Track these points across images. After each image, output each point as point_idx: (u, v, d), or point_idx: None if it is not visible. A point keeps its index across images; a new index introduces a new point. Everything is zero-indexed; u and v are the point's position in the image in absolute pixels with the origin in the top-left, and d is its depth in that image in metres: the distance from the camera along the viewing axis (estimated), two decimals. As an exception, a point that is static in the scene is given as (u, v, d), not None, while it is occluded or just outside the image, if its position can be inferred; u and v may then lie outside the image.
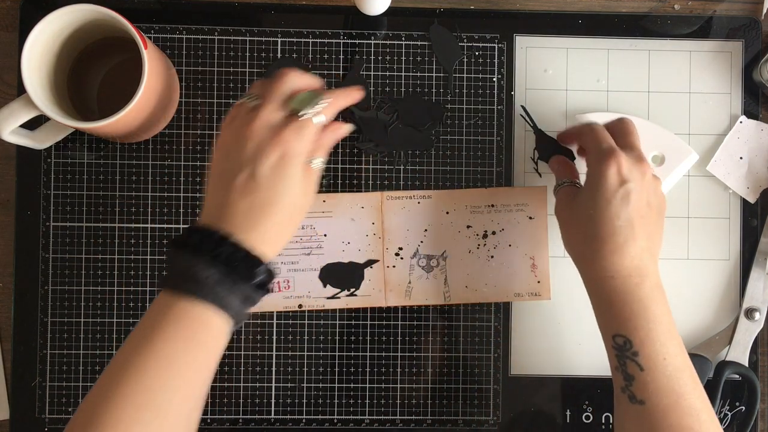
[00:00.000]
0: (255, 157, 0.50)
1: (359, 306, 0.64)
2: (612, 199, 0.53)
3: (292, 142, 0.50)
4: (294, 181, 0.51)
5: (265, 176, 0.50)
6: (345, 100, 0.56)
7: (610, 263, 0.53)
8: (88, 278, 0.64)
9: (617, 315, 0.53)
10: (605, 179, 0.53)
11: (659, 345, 0.52)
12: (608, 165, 0.53)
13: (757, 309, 0.65)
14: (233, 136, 0.51)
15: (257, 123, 0.50)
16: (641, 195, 0.54)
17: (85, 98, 0.63)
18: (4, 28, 0.65)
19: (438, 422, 0.64)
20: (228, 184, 0.50)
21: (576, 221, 0.56)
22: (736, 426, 0.65)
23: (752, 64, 0.66)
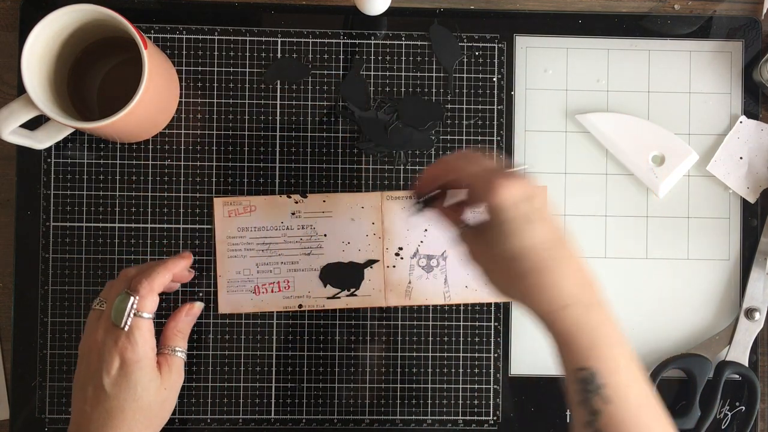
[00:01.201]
0: (99, 369, 0.53)
1: (359, 306, 0.64)
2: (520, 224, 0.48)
3: (126, 350, 0.53)
4: (138, 387, 0.53)
5: (108, 387, 0.53)
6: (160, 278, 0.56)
7: (557, 292, 0.48)
8: (88, 278, 0.64)
9: (578, 347, 0.48)
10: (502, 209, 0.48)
11: (624, 373, 0.47)
12: (494, 195, 0.48)
13: (757, 309, 0.65)
14: (84, 347, 0.55)
15: (97, 335, 0.54)
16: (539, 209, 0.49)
17: (85, 98, 0.63)
18: (4, 28, 0.65)
19: (438, 422, 0.64)
20: (82, 395, 0.54)
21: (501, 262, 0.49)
22: (736, 426, 0.65)
23: (752, 64, 0.66)
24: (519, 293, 0.50)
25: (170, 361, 0.57)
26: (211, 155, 0.65)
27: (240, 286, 0.64)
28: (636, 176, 0.66)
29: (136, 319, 0.54)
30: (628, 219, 0.66)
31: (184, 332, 0.59)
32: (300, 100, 0.65)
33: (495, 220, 0.49)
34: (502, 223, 0.48)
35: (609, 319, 0.48)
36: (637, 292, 0.66)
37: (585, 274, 0.49)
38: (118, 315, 0.54)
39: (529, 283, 0.48)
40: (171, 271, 0.57)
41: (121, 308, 0.54)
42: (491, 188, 0.48)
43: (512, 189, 0.48)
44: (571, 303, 0.48)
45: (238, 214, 0.64)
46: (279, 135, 0.65)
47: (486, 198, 0.48)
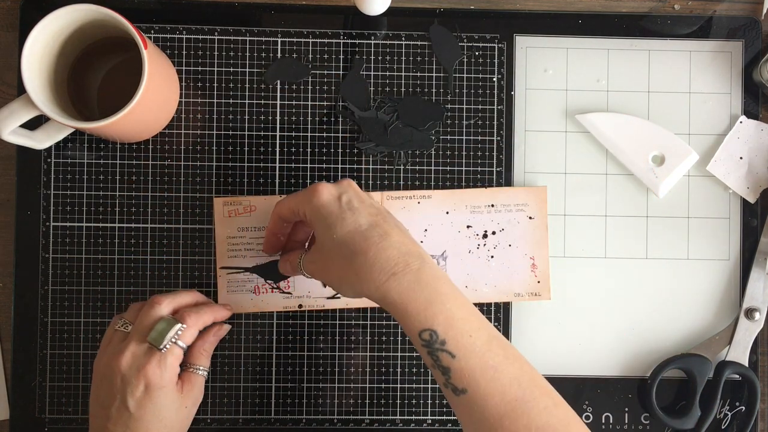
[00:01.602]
0: (123, 389, 0.54)
1: (359, 306, 0.64)
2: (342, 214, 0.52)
3: (155, 376, 0.54)
4: (163, 409, 0.54)
5: (133, 409, 0.53)
6: (207, 319, 0.59)
7: (382, 263, 0.50)
8: (88, 278, 0.64)
9: (413, 311, 0.49)
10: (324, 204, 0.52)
11: (461, 323, 0.49)
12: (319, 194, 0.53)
13: (757, 309, 0.65)
14: (106, 365, 0.55)
15: (124, 357, 0.54)
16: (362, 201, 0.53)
17: (85, 98, 0.63)
18: (4, 28, 0.65)
19: (438, 422, 0.64)
20: (104, 412, 0.54)
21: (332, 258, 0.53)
22: (736, 426, 0.65)
23: (752, 64, 0.66)
24: (355, 280, 0.51)
25: (193, 379, 0.57)
26: (211, 155, 0.65)
27: (240, 286, 0.64)
28: (636, 176, 0.66)
29: (173, 346, 0.55)
30: (628, 219, 0.66)
31: (208, 352, 0.60)
32: (300, 100, 0.65)
33: (318, 218, 0.53)
34: (324, 218, 0.52)
35: (437, 278, 0.50)
36: (637, 292, 0.66)
37: (407, 242, 0.51)
38: (160, 337, 0.54)
39: (358, 265, 0.50)
40: (215, 315, 0.60)
41: (164, 331, 0.55)
42: (308, 196, 0.53)
43: (326, 188, 0.53)
44: (397, 271, 0.50)
45: (238, 214, 0.64)
46: (279, 135, 0.65)
47: (307, 206, 0.53)
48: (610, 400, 0.65)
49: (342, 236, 0.51)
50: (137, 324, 0.56)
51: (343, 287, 0.54)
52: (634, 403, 0.65)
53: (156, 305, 0.56)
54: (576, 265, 0.65)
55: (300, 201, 0.55)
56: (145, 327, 0.55)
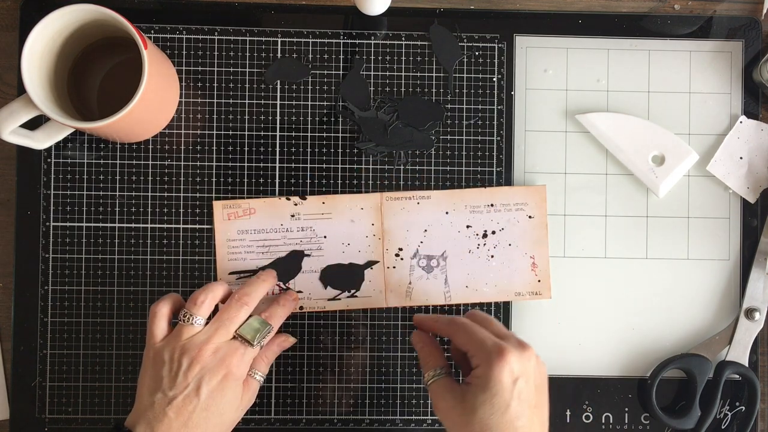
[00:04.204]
0: (199, 379, 0.53)
1: (360, 307, 0.64)
2: (511, 402, 0.50)
3: (235, 367, 0.54)
4: (229, 403, 0.54)
5: (204, 397, 0.53)
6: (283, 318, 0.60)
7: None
8: (88, 278, 0.64)
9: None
10: (501, 383, 0.50)
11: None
12: (502, 367, 0.50)
13: (757, 309, 0.65)
14: (180, 355, 0.54)
15: (207, 349, 0.54)
16: (530, 385, 0.51)
17: (85, 98, 0.63)
18: (4, 28, 0.65)
19: (438, 422, 0.64)
20: (168, 400, 0.53)
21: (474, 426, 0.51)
22: (736, 426, 0.65)
23: (752, 64, 0.66)
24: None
25: (251, 383, 0.58)
26: (211, 155, 0.65)
27: (240, 287, 0.64)
28: (636, 176, 0.66)
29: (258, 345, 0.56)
30: (628, 219, 0.66)
31: (269, 359, 0.60)
32: (300, 100, 0.65)
33: (489, 389, 0.50)
34: (494, 395, 0.50)
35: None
36: (637, 292, 0.66)
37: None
38: (254, 333, 0.55)
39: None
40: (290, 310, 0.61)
41: (258, 330, 0.56)
42: (498, 357, 0.51)
43: (516, 362, 0.51)
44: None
45: (237, 217, 0.64)
46: (279, 135, 0.65)
47: (488, 365, 0.51)
48: (610, 400, 0.65)
49: (497, 422, 0.50)
50: (224, 319, 0.55)
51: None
52: (634, 403, 0.65)
53: (244, 305, 0.56)
54: (576, 265, 0.65)
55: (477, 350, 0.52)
56: (234, 322, 0.55)
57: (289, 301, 0.61)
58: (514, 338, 0.53)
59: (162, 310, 0.56)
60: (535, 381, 0.52)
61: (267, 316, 0.58)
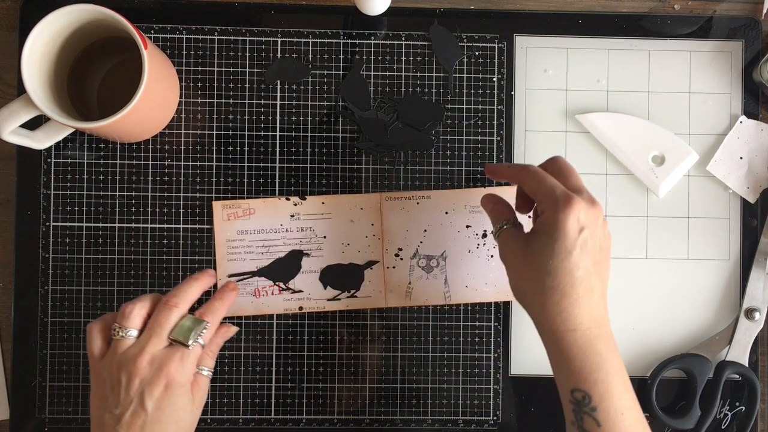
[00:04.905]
0: (141, 393, 0.52)
1: (360, 307, 0.64)
2: (572, 249, 0.50)
3: (177, 374, 0.52)
4: (180, 410, 0.53)
5: (151, 410, 0.52)
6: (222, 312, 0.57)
7: (572, 316, 0.51)
8: (88, 278, 0.64)
9: (576, 369, 0.51)
10: (566, 229, 0.50)
11: (617, 399, 0.50)
12: (568, 214, 0.50)
13: (757, 309, 0.65)
14: (118, 372, 0.52)
15: (142, 359, 0.52)
16: (595, 240, 0.52)
17: (85, 98, 0.63)
18: (4, 28, 0.65)
19: (438, 422, 0.64)
20: (116, 419, 0.51)
21: (533, 271, 0.52)
22: (736, 426, 0.65)
23: (752, 64, 0.66)
24: (535, 305, 0.53)
25: (200, 380, 0.56)
26: (211, 155, 0.65)
27: (240, 289, 0.64)
28: (636, 176, 0.66)
29: (196, 344, 0.54)
30: (628, 219, 0.66)
31: (214, 353, 0.59)
32: (300, 100, 0.65)
33: (553, 234, 0.51)
34: (556, 240, 0.51)
35: (611, 352, 0.51)
36: (637, 292, 0.66)
37: (602, 309, 0.52)
38: (186, 334, 0.53)
39: (549, 301, 0.51)
40: (227, 304, 0.58)
41: (190, 329, 0.54)
42: (565, 204, 0.51)
43: (578, 211, 0.51)
44: (579, 329, 0.51)
45: (237, 217, 0.64)
46: (279, 135, 0.65)
47: (554, 211, 0.51)
48: (610, 400, 0.65)
49: (556, 267, 0.51)
50: (154, 325, 0.53)
51: (521, 293, 0.54)
52: (633, 403, 0.65)
53: (173, 307, 0.54)
54: (576, 265, 0.65)
55: (547, 197, 0.52)
56: (164, 327, 0.53)
57: (226, 293, 0.59)
58: (587, 193, 0.53)
59: (94, 328, 0.54)
60: (601, 242, 0.52)
61: (201, 313, 0.56)
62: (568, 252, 0.50)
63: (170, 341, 0.53)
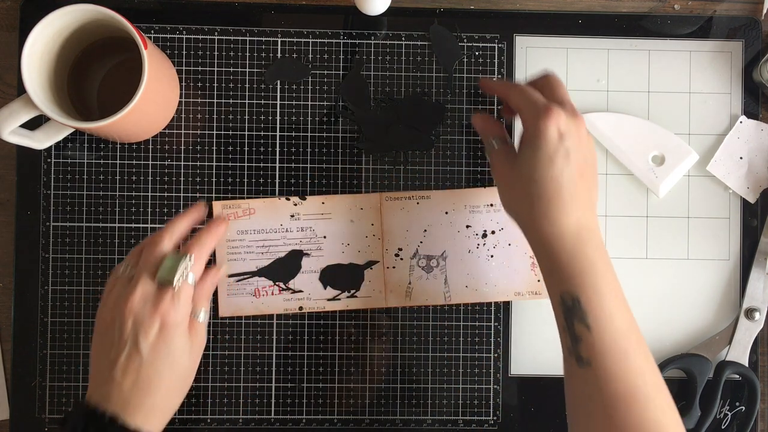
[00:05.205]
0: (135, 334, 0.50)
1: (360, 307, 0.64)
2: (554, 157, 0.52)
3: (170, 313, 0.51)
4: (177, 351, 0.52)
5: (146, 352, 0.50)
6: (210, 244, 0.55)
7: (558, 223, 0.52)
8: (88, 278, 0.64)
9: (565, 274, 0.51)
10: (545, 138, 0.52)
11: (607, 303, 0.50)
12: (547, 123, 0.52)
13: (757, 309, 0.65)
14: (111, 313, 0.52)
15: (133, 299, 0.51)
16: (579, 151, 0.53)
17: (85, 98, 0.63)
18: (4, 28, 0.65)
19: (438, 422, 0.64)
20: (111, 363, 0.51)
21: (519, 183, 0.54)
22: (736, 426, 0.65)
23: (752, 64, 0.66)
24: (524, 215, 0.54)
25: (196, 326, 0.54)
26: (211, 155, 0.65)
27: (240, 289, 0.64)
28: (636, 176, 0.66)
29: (184, 282, 0.52)
30: (628, 219, 0.66)
31: (207, 295, 0.56)
32: (300, 100, 0.65)
33: (534, 143, 0.52)
34: (538, 148, 0.52)
35: (600, 256, 0.52)
36: (637, 292, 0.66)
37: (590, 218, 0.53)
38: (170, 273, 0.51)
39: (536, 208, 0.52)
40: (216, 236, 0.56)
41: (173, 267, 0.52)
42: (545, 113, 0.52)
43: (558, 120, 0.52)
44: (567, 234, 0.52)
45: (237, 217, 0.64)
46: (279, 135, 0.65)
47: (535, 121, 0.52)
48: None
49: (541, 176, 0.52)
50: (142, 264, 0.52)
51: (511, 206, 0.56)
52: (633, 403, 0.65)
53: (158, 242, 0.53)
54: (576, 265, 0.65)
55: (527, 108, 0.54)
56: (152, 265, 0.52)
57: (214, 225, 0.56)
58: (571, 105, 0.54)
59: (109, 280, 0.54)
60: (585, 155, 0.53)
61: (188, 246, 0.54)
62: (550, 160, 0.52)
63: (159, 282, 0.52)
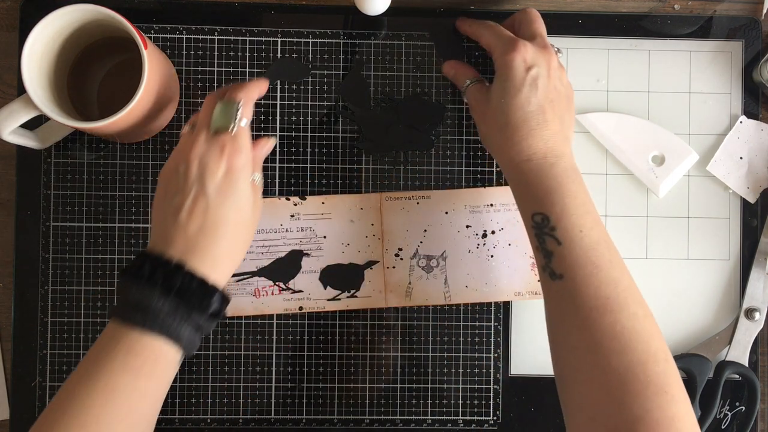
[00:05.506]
0: (201, 177, 0.50)
1: (360, 307, 0.64)
2: (521, 86, 0.54)
3: (234, 156, 0.51)
4: (242, 196, 0.52)
5: (212, 195, 0.50)
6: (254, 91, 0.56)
7: (525, 147, 0.54)
8: (88, 278, 0.64)
9: (534, 194, 0.53)
10: (512, 68, 0.55)
11: (575, 218, 0.52)
12: (513, 54, 0.55)
13: (757, 309, 0.65)
14: (175, 162, 0.52)
15: (197, 145, 0.51)
16: (549, 81, 0.55)
17: (85, 98, 0.63)
18: (4, 28, 0.65)
19: (438, 422, 0.64)
20: (176, 208, 0.50)
21: (490, 113, 0.57)
22: (736, 426, 0.65)
23: (752, 64, 0.66)
24: (495, 143, 0.57)
25: (254, 185, 0.54)
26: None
27: (240, 289, 0.64)
28: (636, 176, 0.66)
29: (239, 126, 0.52)
30: (628, 219, 0.66)
31: (259, 162, 0.57)
32: (300, 100, 0.65)
33: (502, 75, 0.56)
34: (506, 80, 0.55)
35: (568, 177, 0.53)
36: (637, 292, 0.66)
37: (559, 143, 0.55)
38: (225, 119, 0.52)
39: (505, 135, 0.55)
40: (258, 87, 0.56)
41: (226, 112, 0.52)
42: (511, 46, 0.55)
43: (524, 52, 0.55)
44: (534, 159, 0.54)
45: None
46: (279, 135, 0.65)
47: (503, 55, 0.55)
48: (610, 400, 0.65)
49: (507, 104, 0.55)
50: (200, 119, 0.53)
51: (486, 138, 0.59)
52: (633, 403, 0.65)
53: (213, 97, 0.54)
54: (576, 265, 0.65)
55: (495, 44, 0.57)
56: (208, 116, 0.53)
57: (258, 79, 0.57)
58: (542, 39, 0.57)
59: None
60: (555, 83, 0.56)
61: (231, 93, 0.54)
62: (516, 89, 0.54)
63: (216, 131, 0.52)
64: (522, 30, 0.59)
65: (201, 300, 0.49)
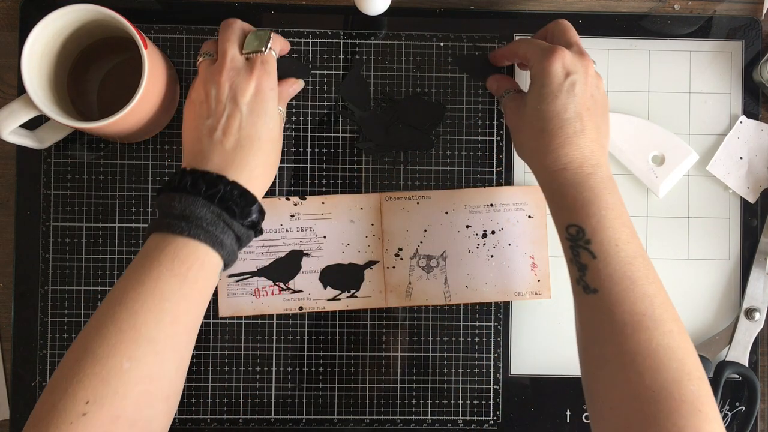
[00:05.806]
0: (234, 98, 0.53)
1: (360, 307, 0.64)
2: (558, 93, 0.53)
3: (263, 77, 0.54)
4: (271, 115, 0.54)
5: (245, 113, 0.53)
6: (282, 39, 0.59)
7: (562, 155, 0.53)
8: (88, 278, 0.64)
9: (570, 205, 0.52)
10: (550, 73, 0.54)
11: (611, 231, 0.51)
12: (552, 60, 0.54)
13: (757, 309, 0.65)
14: (205, 87, 0.54)
15: (226, 68, 0.54)
16: (586, 88, 0.54)
17: (85, 98, 0.63)
18: (4, 28, 0.65)
19: (438, 422, 0.64)
20: (210, 129, 0.53)
21: (526, 120, 0.55)
22: (736, 426, 0.65)
23: (752, 64, 0.66)
24: (531, 151, 0.56)
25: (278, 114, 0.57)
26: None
27: (240, 289, 0.64)
28: (636, 176, 0.66)
29: (269, 52, 0.55)
30: (628, 219, 0.66)
31: (285, 100, 0.61)
32: (300, 100, 0.65)
33: (539, 81, 0.54)
34: (543, 86, 0.54)
35: (605, 188, 0.52)
36: (637, 292, 0.66)
37: (595, 151, 0.53)
38: (258, 43, 0.55)
39: (541, 143, 0.54)
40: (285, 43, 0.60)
41: (260, 38, 0.55)
42: (549, 52, 0.54)
43: (563, 59, 0.54)
44: (570, 168, 0.53)
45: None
46: (279, 135, 0.65)
47: (542, 60, 0.54)
48: (610, 400, 0.65)
49: (544, 111, 0.54)
50: (225, 40, 0.55)
51: (521, 147, 0.58)
52: (633, 403, 0.65)
53: (234, 22, 0.56)
54: (576, 265, 0.65)
55: (533, 52, 0.56)
56: (236, 38, 0.55)
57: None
58: (579, 47, 0.56)
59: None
60: (592, 91, 0.55)
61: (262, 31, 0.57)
62: (554, 96, 0.53)
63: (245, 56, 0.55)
64: (556, 40, 0.58)
65: (241, 209, 0.51)
